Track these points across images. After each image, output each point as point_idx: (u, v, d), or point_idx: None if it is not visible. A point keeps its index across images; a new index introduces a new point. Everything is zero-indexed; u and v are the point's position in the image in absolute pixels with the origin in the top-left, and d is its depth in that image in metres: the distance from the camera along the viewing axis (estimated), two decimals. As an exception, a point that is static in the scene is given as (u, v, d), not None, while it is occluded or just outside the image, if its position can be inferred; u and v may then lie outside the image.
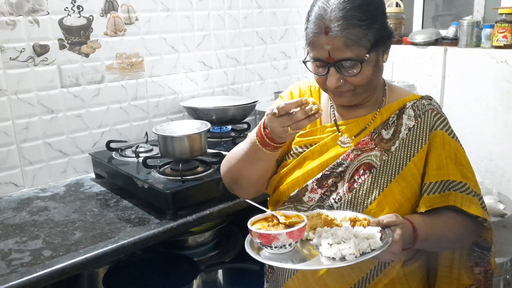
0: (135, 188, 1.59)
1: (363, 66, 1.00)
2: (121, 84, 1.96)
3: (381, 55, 1.06)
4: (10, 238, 1.38)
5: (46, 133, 1.78)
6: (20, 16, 1.64)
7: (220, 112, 2.01)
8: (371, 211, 1.05)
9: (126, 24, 1.93)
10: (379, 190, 1.06)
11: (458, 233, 1.08)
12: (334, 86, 1.03)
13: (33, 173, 1.77)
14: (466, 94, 2.16)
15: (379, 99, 1.15)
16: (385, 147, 1.08)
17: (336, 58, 1.00)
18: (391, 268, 1.07)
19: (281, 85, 2.61)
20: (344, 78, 1.02)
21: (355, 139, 1.12)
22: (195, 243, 1.80)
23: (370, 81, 1.05)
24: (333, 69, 1.02)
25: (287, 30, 2.58)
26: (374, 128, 1.11)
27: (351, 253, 0.89)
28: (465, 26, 2.15)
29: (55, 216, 1.52)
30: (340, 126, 1.14)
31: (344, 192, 1.08)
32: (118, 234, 1.38)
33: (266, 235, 0.93)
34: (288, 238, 0.93)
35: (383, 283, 1.07)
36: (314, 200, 1.11)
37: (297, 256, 0.95)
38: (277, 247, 0.94)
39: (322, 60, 1.02)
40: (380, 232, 0.94)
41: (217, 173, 1.61)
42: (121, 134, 2.00)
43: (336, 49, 0.99)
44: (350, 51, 0.98)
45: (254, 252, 0.97)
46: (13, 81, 1.66)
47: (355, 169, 1.08)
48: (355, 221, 0.99)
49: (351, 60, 1.00)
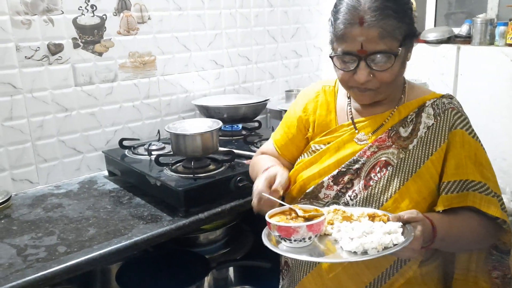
0: (148, 185, 1.61)
1: (395, 61, 0.99)
2: (134, 83, 1.98)
3: (407, 52, 1.05)
4: (25, 234, 1.40)
5: (60, 131, 1.80)
6: (35, 16, 1.67)
7: (231, 110, 2.02)
8: (386, 209, 1.04)
9: (138, 23, 1.94)
10: (395, 188, 1.05)
11: (476, 234, 1.05)
12: (364, 80, 1.01)
13: (47, 170, 1.79)
14: (479, 92, 2.14)
15: (398, 96, 1.14)
16: (402, 145, 1.08)
17: (368, 51, 0.98)
18: (408, 267, 1.06)
19: (292, 84, 2.61)
20: (373, 73, 1.01)
21: (372, 136, 1.11)
22: (206, 241, 1.81)
23: (396, 78, 1.04)
24: (363, 63, 1.00)
25: (298, 28, 2.58)
26: (392, 126, 1.10)
27: (373, 247, 0.88)
28: (478, 24, 2.13)
29: (69, 213, 1.54)
30: (357, 123, 1.14)
31: (360, 189, 1.08)
32: (131, 231, 1.39)
33: (286, 227, 0.91)
34: (308, 231, 0.91)
35: (399, 282, 1.06)
36: (330, 196, 1.11)
37: (316, 250, 0.93)
38: (297, 241, 0.92)
39: (352, 54, 1.00)
40: (401, 228, 0.92)
41: (229, 171, 1.62)
42: (133, 132, 2.01)
43: (370, 40, 0.97)
44: (384, 43, 0.97)
45: (271, 244, 0.95)
46: (28, 80, 1.69)
47: (371, 166, 1.08)
48: (374, 216, 0.97)
49: (385, 53, 0.98)
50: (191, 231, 1.59)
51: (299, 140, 1.24)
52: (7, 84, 1.64)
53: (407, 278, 1.06)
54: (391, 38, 0.98)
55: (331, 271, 1.09)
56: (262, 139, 1.96)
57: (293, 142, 1.25)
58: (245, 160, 1.74)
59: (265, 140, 1.92)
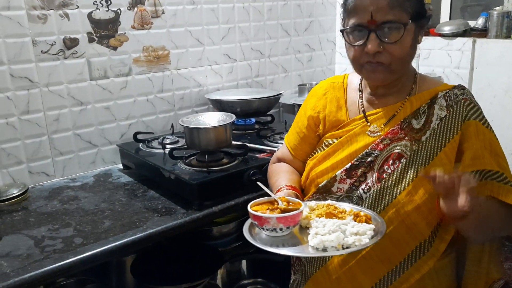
0: (162, 178, 1.63)
1: (404, 33, 1.00)
2: (148, 77, 1.99)
3: (418, 32, 1.05)
4: (42, 226, 1.42)
5: (76, 125, 1.82)
6: (51, 10, 1.69)
7: (244, 104, 2.03)
8: (400, 201, 1.04)
9: (152, 17, 1.95)
10: (408, 180, 1.04)
11: (497, 221, 1.03)
12: (374, 51, 1.01)
13: (63, 163, 1.82)
14: (495, 86, 2.11)
15: (409, 86, 1.13)
16: (415, 137, 1.07)
17: (378, 21, 0.99)
18: (423, 262, 1.05)
19: (305, 78, 2.60)
20: (383, 45, 1.01)
21: (384, 128, 1.11)
22: (219, 234, 1.82)
23: (407, 56, 1.04)
24: (373, 35, 1.00)
25: (312, 22, 2.56)
26: (404, 118, 1.10)
27: (333, 246, 0.91)
28: (495, 17, 2.10)
29: (85, 205, 1.56)
30: (368, 116, 1.14)
31: (373, 182, 1.08)
32: (145, 223, 1.41)
33: (258, 217, 0.97)
34: (278, 223, 0.95)
35: (414, 278, 1.06)
36: (343, 190, 1.11)
37: (290, 241, 0.97)
38: (269, 230, 0.97)
39: (363, 25, 1.01)
40: (373, 231, 0.94)
41: (242, 165, 1.63)
42: (147, 126, 2.03)
43: (380, 10, 0.98)
44: (394, 14, 0.98)
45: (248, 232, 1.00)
46: (44, 74, 1.71)
47: (384, 159, 1.08)
48: (358, 215, 0.99)
49: (394, 23, 0.99)
50: (205, 224, 1.60)
51: (311, 138, 1.25)
52: (24, 78, 1.67)
53: (422, 274, 1.06)
54: (401, 8, 0.99)
55: (344, 265, 1.10)
56: (275, 133, 1.96)
57: (305, 141, 1.26)
58: (258, 154, 1.74)
59: (278, 134, 1.93)
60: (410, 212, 1.04)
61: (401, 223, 1.05)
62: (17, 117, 1.68)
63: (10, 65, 1.63)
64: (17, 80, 1.65)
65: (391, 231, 1.05)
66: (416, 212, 1.04)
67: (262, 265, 2.02)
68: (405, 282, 1.07)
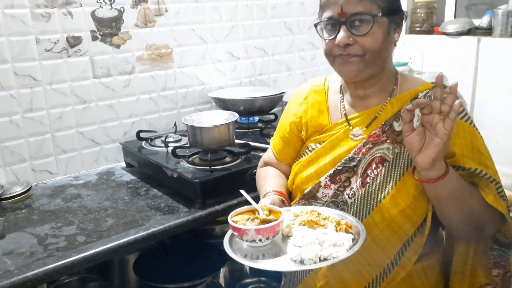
0: (165, 177, 1.63)
1: (373, 25, 1.00)
2: (151, 75, 1.99)
3: (393, 28, 1.05)
4: (46, 224, 1.43)
5: (79, 123, 1.83)
6: (54, 9, 1.69)
7: (247, 103, 2.02)
8: (384, 206, 1.04)
9: (156, 15, 1.95)
10: (392, 184, 1.04)
11: (468, 199, 1.00)
12: (343, 43, 1.02)
13: (66, 161, 1.82)
14: (500, 85, 2.10)
15: (390, 87, 1.12)
16: (397, 140, 1.06)
17: (348, 12, 1.00)
18: (407, 259, 1.05)
19: (308, 76, 2.60)
20: (354, 38, 1.01)
21: (367, 130, 1.10)
22: (222, 232, 1.82)
23: (380, 49, 1.03)
24: (344, 27, 1.01)
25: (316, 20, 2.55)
26: (385, 120, 1.08)
27: (310, 258, 0.89)
28: (500, 15, 2.09)
29: (88, 203, 1.57)
30: (350, 120, 1.13)
31: (358, 187, 1.07)
32: (148, 222, 1.41)
33: (237, 228, 0.96)
34: (257, 234, 0.94)
35: (401, 276, 1.06)
36: (328, 196, 1.11)
37: (271, 251, 0.96)
38: (248, 241, 0.96)
39: (333, 18, 1.02)
40: (352, 240, 0.93)
41: (245, 164, 1.63)
42: (150, 124, 2.03)
43: (350, 2, 1.00)
44: (363, 5, 0.99)
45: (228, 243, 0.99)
46: (47, 72, 1.71)
47: (367, 163, 1.07)
48: (339, 224, 0.97)
49: (364, 14, 1.00)
50: (207, 222, 1.60)
51: (295, 143, 1.25)
52: (27, 77, 1.67)
53: (408, 271, 1.06)
54: (371, 1, 1.00)
55: (333, 269, 1.10)
56: (278, 131, 1.96)
57: (289, 145, 1.26)
58: (261, 152, 1.74)
59: (281, 133, 1.92)
60: (395, 216, 1.03)
61: (387, 227, 1.05)
62: (20, 115, 1.68)
63: (14, 63, 1.63)
64: (20, 78, 1.66)
65: (377, 235, 1.05)
66: (401, 215, 1.03)
67: (265, 264, 2.02)
68: (392, 281, 1.07)
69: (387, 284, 1.08)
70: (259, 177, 1.35)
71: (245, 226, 0.96)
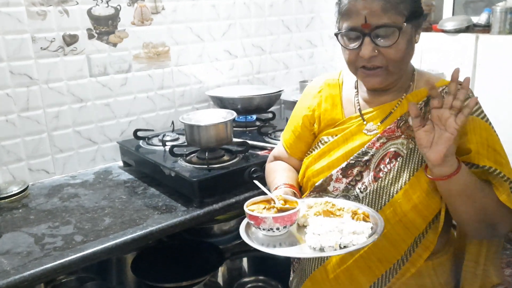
0: (162, 176, 1.62)
1: (399, 36, 0.98)
2: (148, 74, 1.98)
3: (414, 32, 1.03)
4: (42, 223, 1.42)
5: (76, 122, 1.82)
6: (50, 7, 1.67)
7: (245, 101, 2.02)
8: (397, 201, 1.03)
9: (152, 13, 1.94)
10: (405, 179, 1.03)
11: (489, 205, 0.99)
12: (368, 56, 0.99)
13: (63, 160, 1.81)
14: (498, 83, 2.09)
15: (406, 84, 1.11)
16: (412, 135, 1.05)
17: (372, 24, 0.97)
18: (418, 256, 1.05)
19: (306, 74, 2.59)
20: (378, 49, 0.99)
21: (381, 126, 1.09)
22: (220, 231, 1.82)
23: (404, 57, 1.02)
24: (368, 39, 0.99)
25: (313, 18, 2.55)
26: (401, 115, 1.08)
27: (330, 246, 0.89)
28: (498, 13, 2.08)
29: (85, 203, 1.56)
30: (364, 115, 1.12)
31: (370, 181, 1.07)
32: (146, 221, 1.40)
33: (255, 217, 0.96)
34: (274, 223, 0.94)
35: (410, 272, 1.06)
36: (339, 189, 1.10)
37: (287, 240, 0.96)
38: (265, 230, 0.96)
39: (357, 29, 0.99)
40: (371, 229, 0.93)
41: (243, 162, 1.62)
42: (147, 123, 2.02)
43: (374, 14, 0.96)
44: (388, 17, 0.97)
45: (245, 232, 0.99)
46: (44, 71, 1.70)
47: (380, 157, 1.06)
48: (356, 213, 0.97)
49: (389, 27, 0.97)
50: (205, 221, 1.60)
51: (307, 137, 1.23)
52: (24, 75, 1.66)
53: (418, 268, 1.05)
54: (395, 11, 0.97)
55: (342, 264, 1.09)
56: (276, 130, 1.95)
57: (301, 139, 1.25)
58: (259, 151, 1.73)
59: (279, 131, 1.92)
60: (407, 211, 1.03)
61: (398, 222, 1.04)
62: (16, 114, 1.67)
63: (10, 62, 1.62)
64: (16, 77, 1.64)
65: (388, 230, 1.04)
66: (413, 211, 1.03)
67: (263, 263, 2.01)
68: (401, 278, 1.07)
69: (396, 280, 1.07)
70: (269, 171, 1.32)
71: (262, 214, 0.95)
